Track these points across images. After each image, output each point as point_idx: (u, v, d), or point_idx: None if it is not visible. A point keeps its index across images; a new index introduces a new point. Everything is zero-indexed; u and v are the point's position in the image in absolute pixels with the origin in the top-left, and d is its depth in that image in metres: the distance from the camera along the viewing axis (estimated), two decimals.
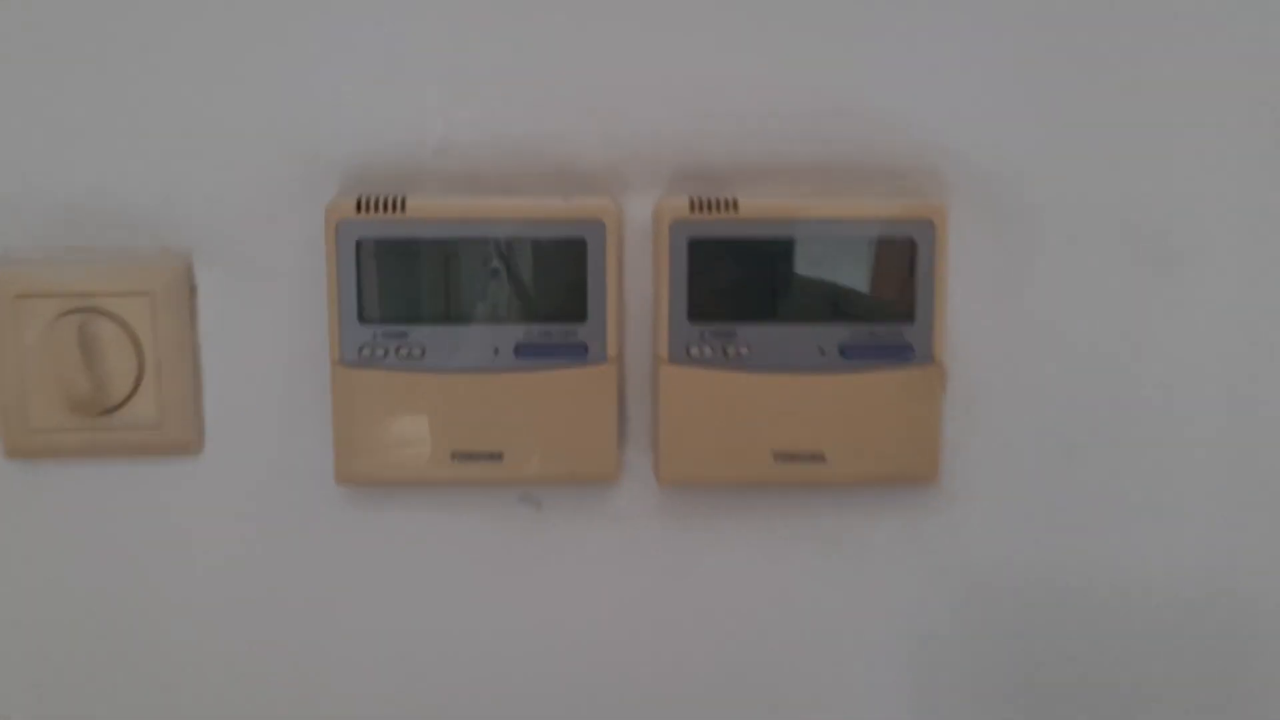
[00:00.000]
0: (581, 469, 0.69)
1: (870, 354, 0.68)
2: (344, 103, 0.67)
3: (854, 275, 0.67)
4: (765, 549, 0.72)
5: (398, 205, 0.66)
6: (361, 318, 0.67)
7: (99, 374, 0.67)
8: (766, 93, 0.68)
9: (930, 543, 0.72)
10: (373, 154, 0.68)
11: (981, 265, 0.69)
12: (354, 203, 0.66)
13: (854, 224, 0.66)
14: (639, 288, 0.69)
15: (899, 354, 0.68)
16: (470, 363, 0.67)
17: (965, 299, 0.69)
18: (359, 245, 0.66)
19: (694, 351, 0.67)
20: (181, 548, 0.71)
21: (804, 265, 0.67)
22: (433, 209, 0.66)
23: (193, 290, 0.69)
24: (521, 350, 0.67)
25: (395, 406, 0.68)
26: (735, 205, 0.66)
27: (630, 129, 0.68)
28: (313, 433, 0.70)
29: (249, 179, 0.68)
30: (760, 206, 0.66)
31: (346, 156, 0.68)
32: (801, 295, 0.67)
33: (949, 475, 0.70)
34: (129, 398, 0.68)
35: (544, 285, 0.67)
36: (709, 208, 0.66)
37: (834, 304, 0.67)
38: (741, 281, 0.67)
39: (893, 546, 0.72)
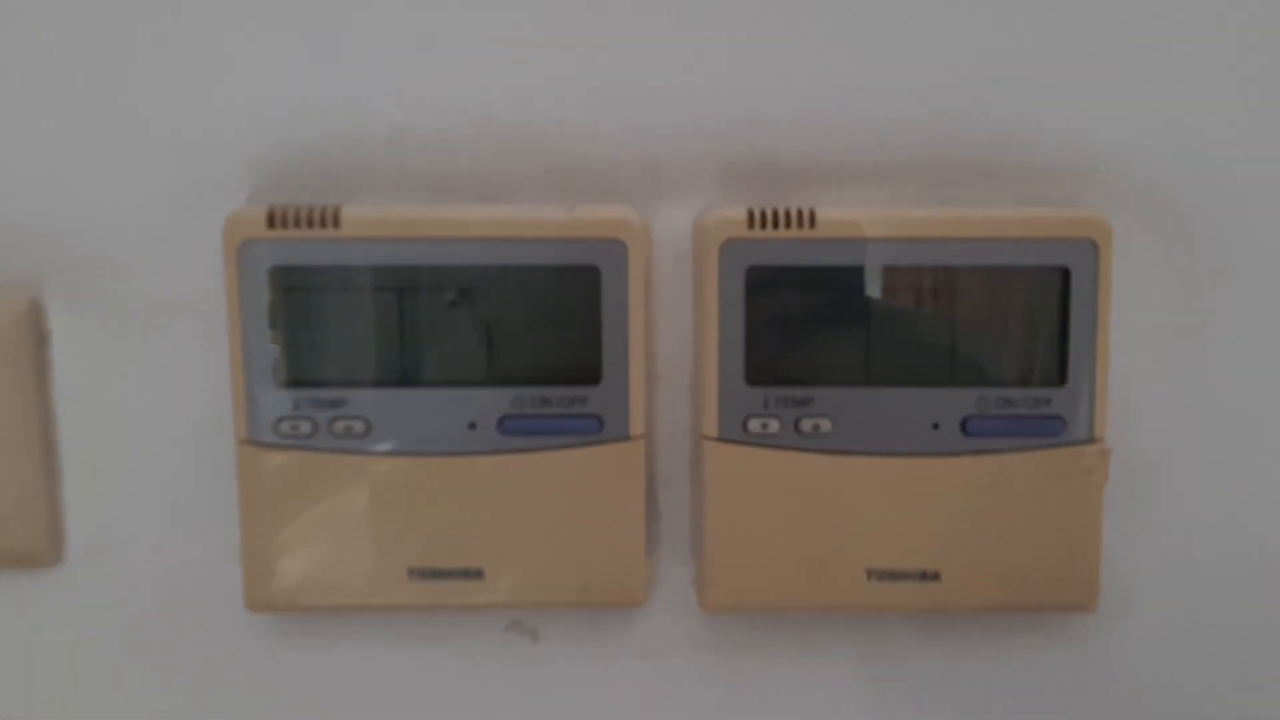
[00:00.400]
0: (594, 589, 0.49)
1: (1004, 430, 0.48)
2: (258, 75, 0.48)
3: (981, 318, 0.47)
4: (850, 700, 0.52)
5: (329, 218, 0.46)
6: (280, 379, 0.47)
7: None
8: (849, 64, 0.48)
9: (1079, 692, 0.52)
10: (297, 146, 0.48)
11: (1153, 304, 0.49)
12: (264, 214, 0.46)
13: (982, 246, 0.47)
14: (674, 336, 0.49)
15: (1045, 429, 0.48)
16: (435, 442, 0.47)
17: (1131, 351, 0.49)
18: (274, 275, 0.46)
19: (754, 426, 0.47)
20: (26, 694, 0.51)
21: (910, 304, 0.47)
22: (380, 222, 0.46)
23: (43, 338, 0.49)
24: (509, 424, 0.47)
25: (328, 504, 0.47)
26: (812, 218, 0.46)
27: (661, 113, 0.48)
28: (215, 539, 0.50)
29: (123, 183, 0.48)
30: (848, 221, 0.46)
31: (261, 150, 0.48)
32: (907, 347, 0.47)
33: (1109, 599, 0.50)
34: None
35: (541, 333, 0.47)
36: (776, 222, 0.46)
37: (953, 359, 0.47)
38: (822, 327, 0.47)
39: (1029, 700, 0.52)
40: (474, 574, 0.48)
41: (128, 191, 0.48)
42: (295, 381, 0.47)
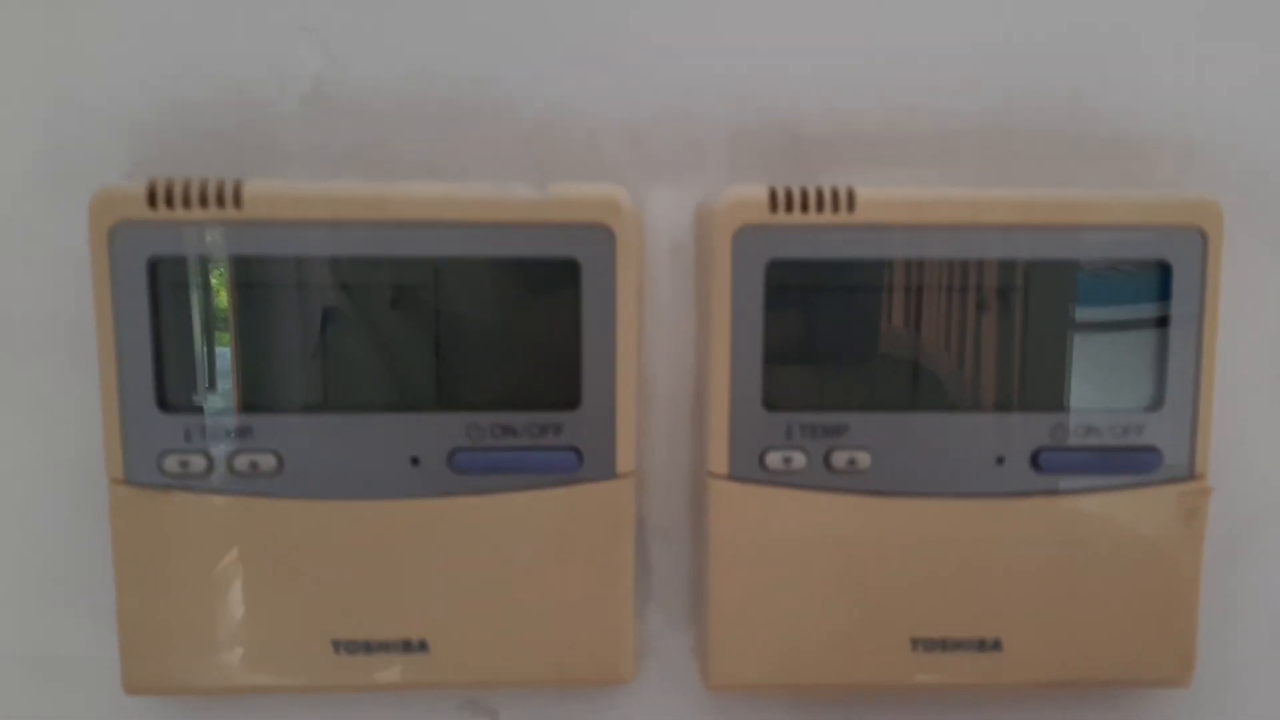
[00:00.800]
0: (570, 665, 0.39)
1: (1085, 464, 0.38)
2: (142, 21, 0.37)
3: (1056, 325, 0.38)
4: None
5: (228, 195, 0.35)
6: (164, 402, 0.36)
7: None
8: (894, 10, 0.38)
9: None
10: (192, 106, 0.37)
11: (1267, 311, 0.40)
12: (143, 191, 0.35)
13: (1060, 236, 0.37)
14: (672, 348, 0.39)
15: (1135, 463, 0.38)
16: (367, 483, 0.37)
17: (1238, 367, 0.40)
18: (155, 267, 0.35)
19: (774, 462, 0.37)
20: None
21: (968, 308, 0.37)
22: (295, 200, 0.36)
23: None
24: (462, 459, 0.37)
25: (229, 560, 0.37)
26: (851, 200, 0.36)
27: (653, 68, 0.38)
28: (86, 605, 0.39)
29: None
30: (896, 203, 0.37)
31: (142, 114, 0.38)
32: (964, 363, 0.38)
33: (1205, 670, 0.40)
34: None
35: (504, 343, 0.37)
36: (805, 204, 0.36)
37: (1022, 378, 0.38)
38: (860, 338, 0.37)
39: None
40: (417, 646, 0.38)
41: None
42: (184, 405, 0.36)
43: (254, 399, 0.37)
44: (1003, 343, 0.38)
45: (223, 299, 0.36)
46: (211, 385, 0.36)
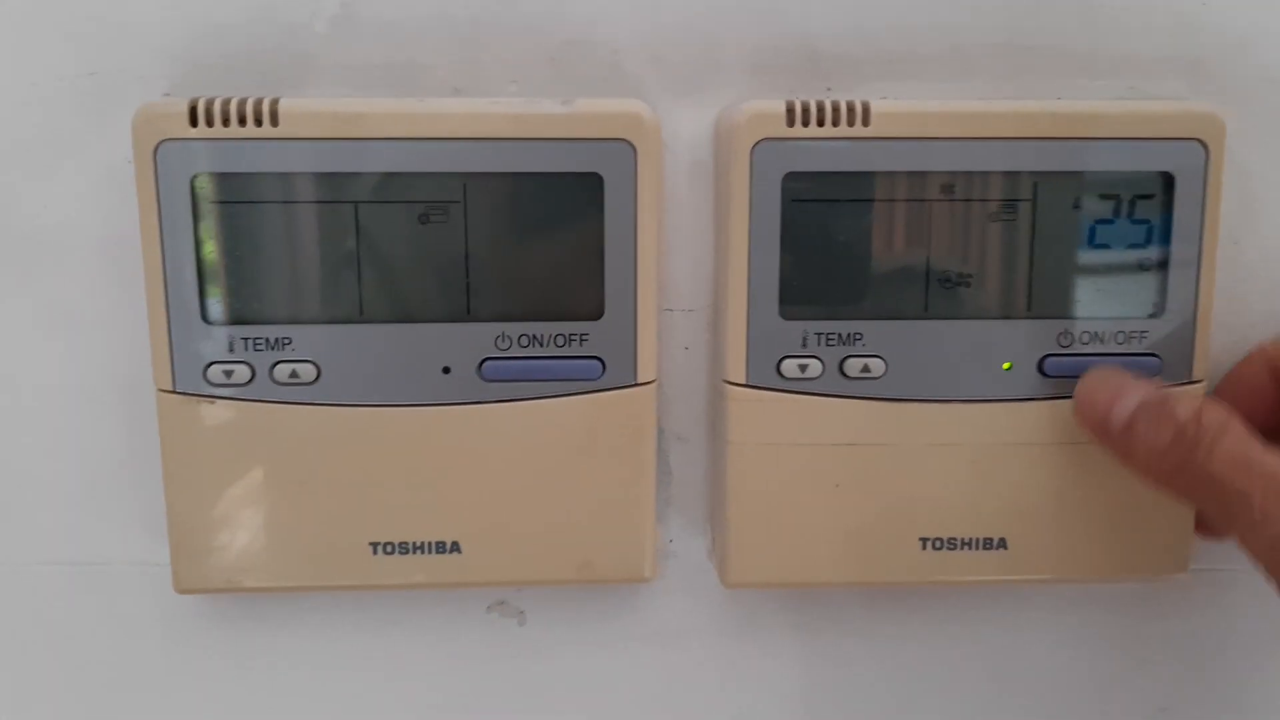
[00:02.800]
0: (594, 565, 0.41)
1: (1089, 369, 0.39)
2: None
3: (1064, 234, 0.39)
4: (900, 689, 0.44)
5: (264, 113, 0.36)
6: (208, 315, 0.38)
7: None
8: None
9: (1164, 661, 0.44)
10: (224, 27, 0.39)
11: (1270, 223, 0.41)
12: (185, 109, 0.36)
13: (1069, 148, 0.38)
14: (690, 260, 0.41)
15: (1137, 367, 0.40)
16: (401, 390, 0.39)
17: (1240, 277, 0.41)
18: (197, 184, 0.37)
19: (790, 369, 0.39)
20: None
21: (979, 220, 0.39)
22: (330, 118, 0.37)
23: None
24: (491, 368, 0.39)
25: (272, 465, 0.39)
26: (866, 114, 0.37)
27: None
28: (135, 510, 0.41)
29: (5, 76, 0.39)
30: (909, 116, 0.38)
31: (176, 34, 0.39)
32: (975, 272, 0.39)
33: (1202, 564, 0.42)
34: None
35: (530, 256, 0.38)
36: (821, 118, 0.37)
37: (1029, 287, 0.39)
38: (874, 248, 0.39)
39: (1109, 673, 0.44)
40: (450, 548, 0.40)
41: (11, 88, 0.39)
42: (229, 318, 0.38)
43: (293, 311, 0.38)
44: (1011, 253, 0.39)
45: (262, 215, 0.37)
46: (252, 299, 0.38)
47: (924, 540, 0.41)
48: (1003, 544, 0.41)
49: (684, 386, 0.42)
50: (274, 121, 0.37)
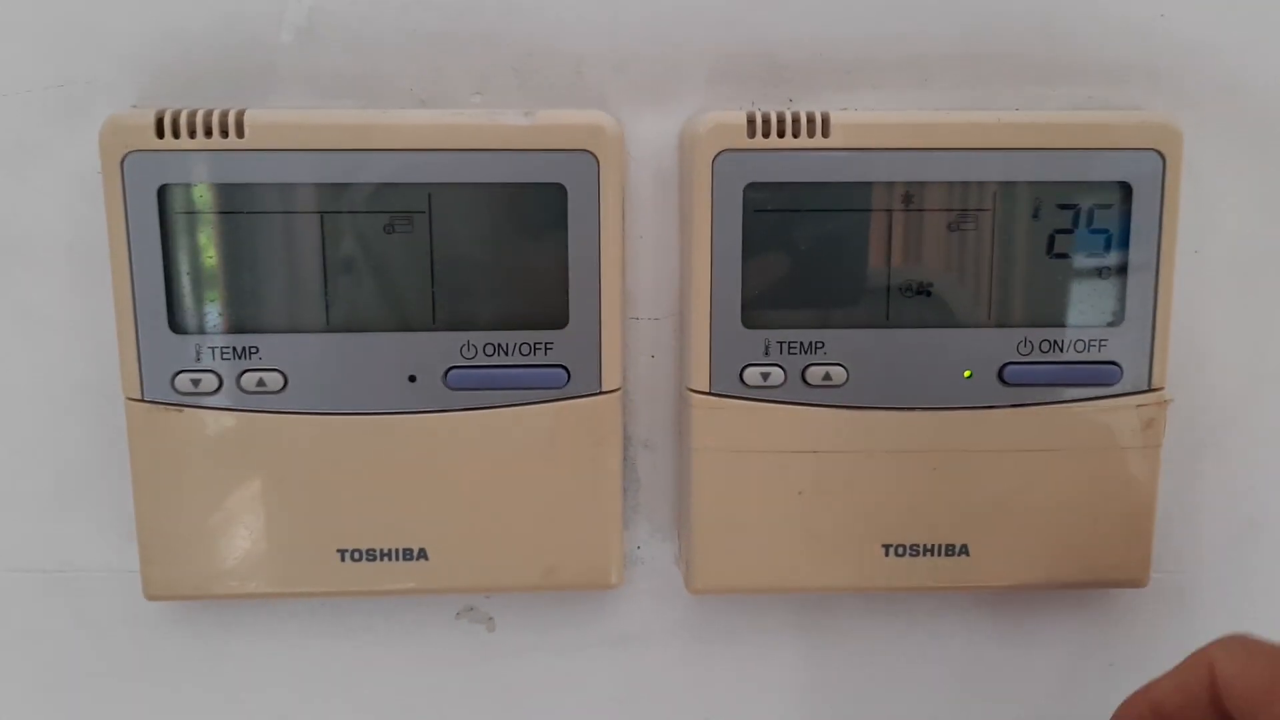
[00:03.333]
0: (561, 570, 0.41)
1: (1049, 377, 0.40)
2: None
3: (1023, 244, 0.39)
4: (861, 693, 0.45)
5: (231, 125, 0.37)
6: (176, 324, 0.38)
7: None
8: None
9: (1125, 675, 0.45)
10: (189, 40, 0.39)
11: (1225, 230, 0.42)
12: (152, 120, 0.37)
13: (1027, 158, 0.39)
14: (655, 269, 0.41)
15: (1097, 376, 0.40)
16: (368, 398, 0.39)
17: (1198, 285, 0.41)
18: (165, 194, 0.37)
19: (752, 377, 0.39)
20: None
21: (939, 229, 0.39)
22: (295, 129, 0.37)
23: None
24: (456, 376, 0.39)
25: (240, 473, 0.39)
26: (825, 125, 0.38)
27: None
28: (104, 518, 0.42)
29: None
30: (869, 127, 0.38)
31: (142, 44, 0.39)
32: (934, 281, 0.39)
33: (1161, 571, 0.43)
34: None
35: (494, 265, 0.39)
36: (782, 129, 0.38)
37: (989, 295, 0.40)
38: (835, 258, 0.39)
39: (1069, 685, 0.45)
40: (417, 555, 0.40)
41: None
42: (194, 327, 0.38)
43: (260, 320, 0.39)
44: (971, 262, 0.39)
45: (228, 225, 0.38)
46: (220, 307, 0.38)
47: (886, 547, 0.41)
48: (964, 550, 0.41)
49: (651, 394, 0.42)
50: (240, 133, 0.37)
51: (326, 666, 0.43)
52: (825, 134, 0.38)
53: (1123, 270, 0.40)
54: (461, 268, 0.39)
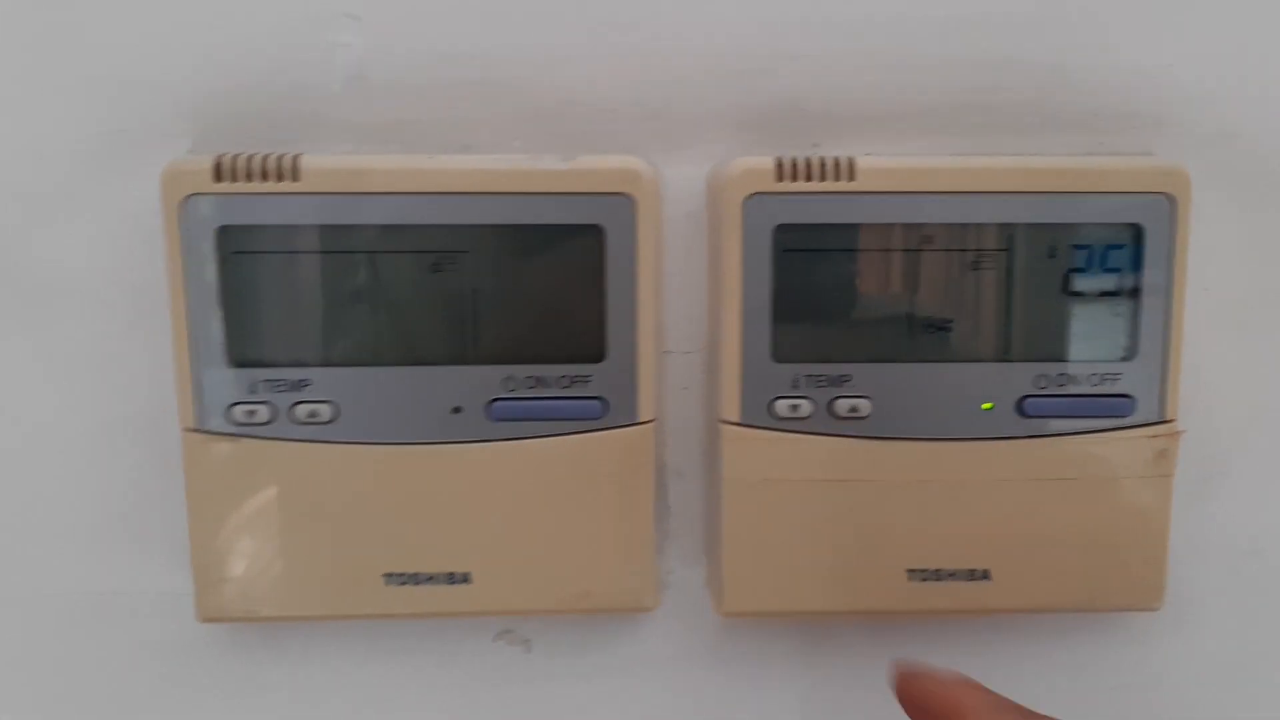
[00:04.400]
0: (597, 594, 0.43)
1: (1066, 410, 0.42)
2: (192, 8, 0.41)
3: (1040, 282, 0.41)
4: (882, 712, 0.46)
5: (286, 169, 0.39)
6: (232, 357, 0.40)
7: None
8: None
9: (1139, 697, 0.46)
10: (241, 89, 0.41)
11: (1230, 269, 0.43)
12: (211, 165, 0.39)
13: (1044, 201, 0.41)
14: (684, 306, 0.43)
15: (1111, 408, 0.42)
16: (414, 429, 0.41)
17: (1204, 321, 0.43)
18: (222, 235, 0.39)
19: (782, 409, 0.41)
20: None
21: (959, 268, 0.41)
22: (347, 174, 0.39)
23: None
24: (498, 408, 0.41)
25: (290, 500, 0.41)
26: (852, 169, 0.40)
27: (667, 49, 0.41)
28: (158, 543, 0.43)
29: (35, 131, 0.41)
30: (893, 171, 0.40)
31: (198, 93, 0.41)
32: (956, 317, 0.41)
33: (1173, 596, 0.44)
34: None
35: (535, 302, 0.41)
36: (809, 173, 0.40)
37: (1008, 331, 0.41)
38: (860, 295, 0.41)
39: (1086, 706, 0.46)
40: (459, 578, 0.42)
41: (42, 142, 0.41)
42: (249, 360, 0.40)
43: (312, 354, 0.40)
44: (990, 299, 0.41)
45: (281, 264, 0.40)
46: (272, 343, 0.40)
47: (911, 571, 0.43)
48: (986, 575, 0.43)
49: (682, 424, 0.44)
50: (295, 177, 0.39)
51: (371, 686, 0.45)
52: (851, 178, 0.40)
53: (1135, 307, 0.41)
54: (504, 304, 0.41)
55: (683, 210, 0.43)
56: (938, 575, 0.43)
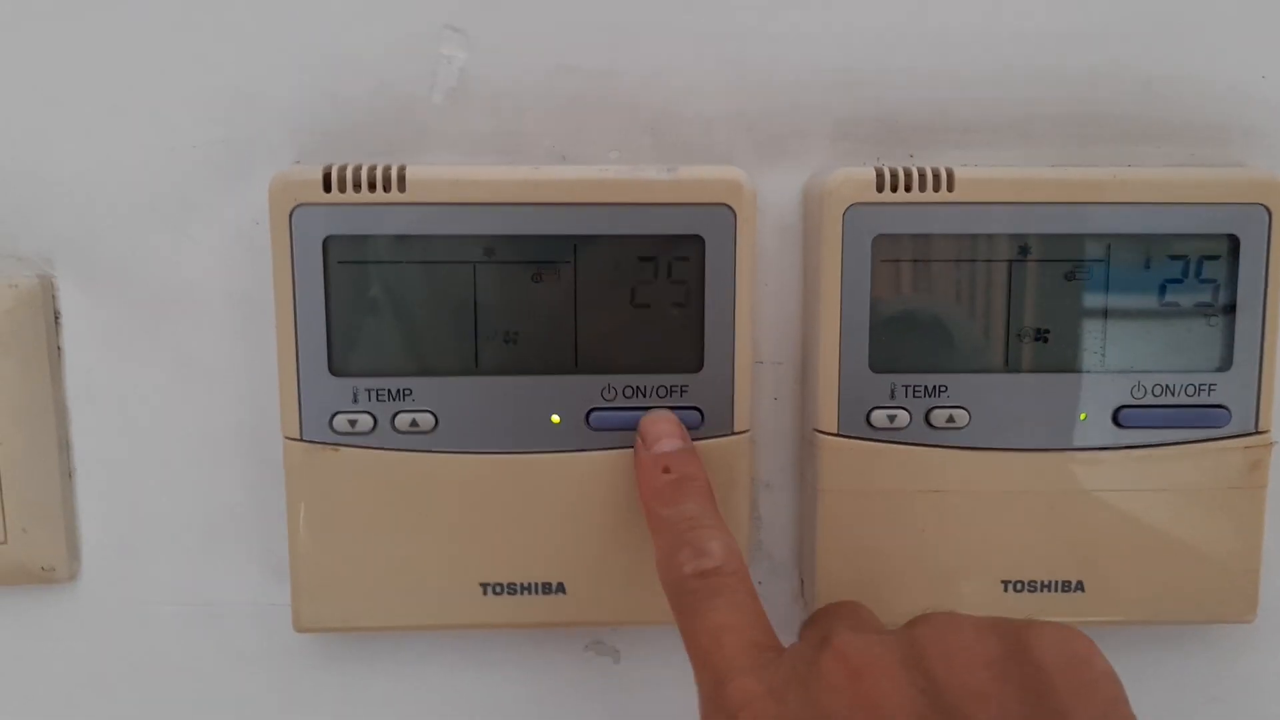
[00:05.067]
0: None
1: (1161, 420, 0.42)
2: (301, 18, 0.41)
3: (1135, 292, 0.41)
4: None
5: (393, 179, 0.39)
6: (335, 367, 0.40)
7: None
8: (983, 3, 0.42)
9: (1231, 710, 0.46)
10: (342, 102, 0.42)
11: None
12: (319, 176, 0.39)
13: (1140, 212, 0.41)
14: (776, 317, 0.43)
15: (1207, 419, 0.42)
16: (514, 439, 0.41)
17: None
18: (329, 245, 0.40)
19: (879, 419, 0.41)
20: None
21: (1055, 278, 0.41)
22: (452, 185, 0.40)
23: (55, 320, 0.42)
24: (597, 417, 0.41)
25: (390, 510, 0.41)
26: (950, 180, 0.40)
27: (764, 59, 0.42)
28: (257, 551, 0.43)
29: (146, 143, 0.42)
30: (991, 182, 0.40)
31: (303, 105, 0.42)
32: (1053, 327, 0.41)
33: (1270, 610, 0.44)
34: None
35: (633, 313, 0.41)
36: (908, 183, 0.40)
37: (1104, 341, 0.42)
38: (958, 305, 0.41)
39: (1177, 718, 0.46)
40: (555, 589, 0.42)
41: (151, 153, 0.42)
42: (352, 370, 0.41)
43: (414, 364, 0.41)
44: (1085, 310, 0.41)
45: (387, 274, 0.40)
46: (376, 353, 0.41)
47: (1005, 583, 0.43)
48: (1080, 587, 0.43)
49: (772, 435, 0.44)
50: (401, 188, 0.39)
51: (464, 695, 0.45)
52: (950, 188, 0.40)
53: (1230, 317, 0.41)
54: (603, 314, 0.41)
55: (774, 221, 0.43)
56: (1032, 586, 0.43)
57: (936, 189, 0.40)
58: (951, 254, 0.41)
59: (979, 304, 0.41)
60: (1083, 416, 0.42)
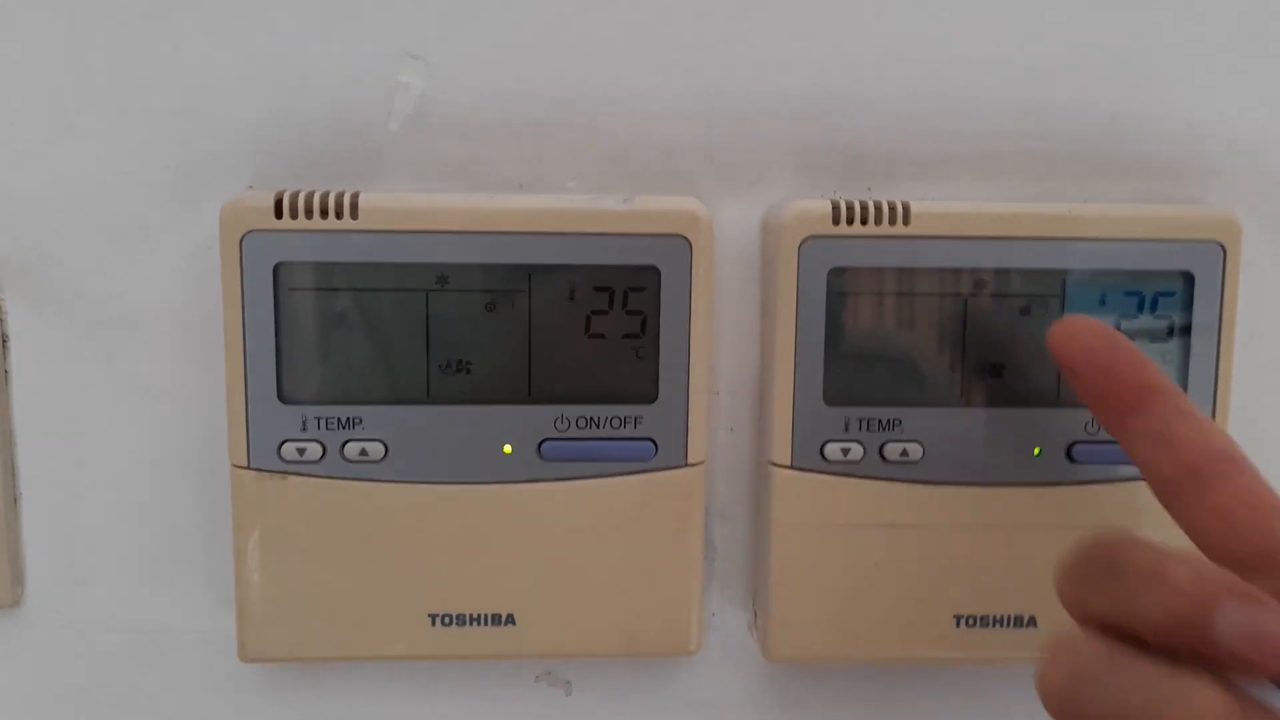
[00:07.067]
0: (642, 638, 0.42)
1: (1115, 456, 0.42)
2: (256, 40, 0.41)
3: None
4: None
5: (345, 207, 0.39)
6: (284, 394, 0.40)
7: None
8: (945, 37, 0.42)
9: None
10: (299, 127, 0.41)
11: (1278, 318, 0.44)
12: (271, 203, 0.39)
13: (1096, 247, 0.41)
14: (733, 348, 0.43)
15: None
16: (464, 468, 0.41)
17: (1253, 370, 0.43)
18: (280, 272, 0.39)
19: (832, 452, 0.41)
20: None
21: (1011, 313, 0.41)
22: (405, 213, 0.39)
23: (3, 342, 0.42)
24: (549, 448, 0.41)
25: (338, 539, 0.41)
26: (906, 214, 0.40)
27: (725, 89, 0.42)
28: (203, 579, 0.43)
29: (99, 165, 0.41)
30: (947, 216, 0.40)
31: (257, 129, 0.41)
32: (1008, 362, 0.41)
33: None
34: None
35: (587, 343, 0.41)
36: (863, 216, 0.40)
37: (1059, 377, 0.42)
38: (912, 339, 0.41)
39: None
40: (505, 620, 0.42)
41: (103, 175, 0.41)
42: (301, 397, 0.40)
43: (364, 392, 0.40)
44: (1041, 345, 0.41)
45: (338, 302, 0.40)
46: (326, 381, 0.40)
47: (958, 618, 0.42)
48: (1033, 622, 0.43)
49: (728, 466, 0.44)
50: (354, 215, 0.39)
51: None
52: (906, 222, 0.40)
53: (1184, 354, 0.41)
54: (557, 344, 0.41)
55: (732, 251, 0.43)
56: (985, 622, 0.42)
57: (893, 222, 0.40)
58: (907, 287, 0.41)
59: (934, 338, 0.41)
60: (1037, 452, 0.42)
